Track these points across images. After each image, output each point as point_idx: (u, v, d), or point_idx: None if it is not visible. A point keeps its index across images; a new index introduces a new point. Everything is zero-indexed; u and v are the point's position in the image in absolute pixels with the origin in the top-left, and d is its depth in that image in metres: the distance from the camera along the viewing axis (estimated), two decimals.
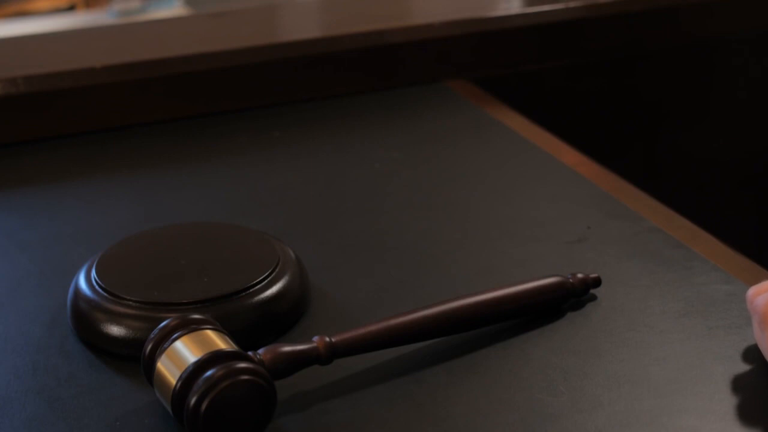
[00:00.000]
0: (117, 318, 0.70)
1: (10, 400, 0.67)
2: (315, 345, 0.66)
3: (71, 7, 2.72)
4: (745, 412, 0.64)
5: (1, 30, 2.38)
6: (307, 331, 0.73)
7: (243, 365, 0.61)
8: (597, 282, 0.75)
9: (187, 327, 0.64)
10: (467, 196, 0.93)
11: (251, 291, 0.72)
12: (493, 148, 1.03)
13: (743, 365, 0.67)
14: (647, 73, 1.27)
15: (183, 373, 0.61)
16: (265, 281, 0.73)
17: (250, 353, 0.63)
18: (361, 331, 0.67)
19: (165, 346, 0.64)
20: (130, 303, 0.71)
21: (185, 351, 0.63)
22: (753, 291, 0.68)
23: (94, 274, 0.74)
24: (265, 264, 0.74)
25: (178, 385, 0.61)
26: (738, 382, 0.66)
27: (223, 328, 0.66)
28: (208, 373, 0.60)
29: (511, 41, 1.19)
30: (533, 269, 0.79)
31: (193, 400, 0.60)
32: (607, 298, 0.75)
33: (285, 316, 0.73)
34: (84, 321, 0.72)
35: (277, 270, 0.74)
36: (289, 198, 0.93)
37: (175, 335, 0.64)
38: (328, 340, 0.66)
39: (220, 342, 0.63)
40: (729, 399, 0.65)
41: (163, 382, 0.63)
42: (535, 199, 0.92)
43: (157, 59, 1.09)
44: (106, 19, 2.56)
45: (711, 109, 1.32)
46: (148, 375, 0.64)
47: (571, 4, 1.20)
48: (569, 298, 0.74)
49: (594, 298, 0.76)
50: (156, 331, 0.65)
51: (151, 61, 1.08)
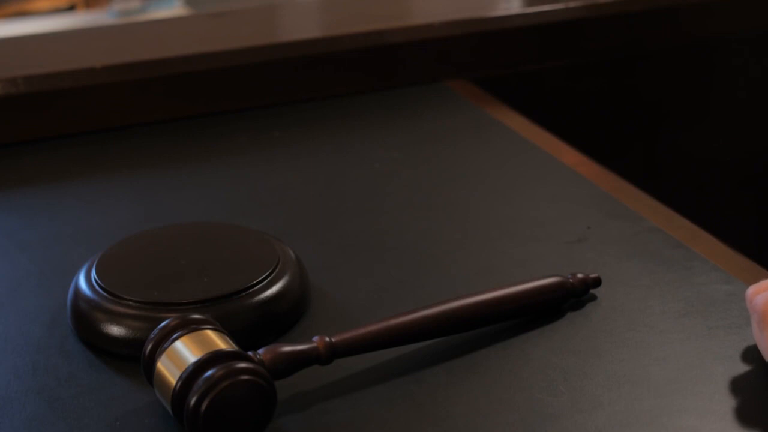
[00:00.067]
0: (117, 318, 0.70)
1: (10, 400, 0.67)
2: (315, 345, 0.66)
3: (71, 7, 2.72)
4: (745, 412, 0.64)
5: (1, 30, 2.38)
6: (307, 331, 0.73)
7: (243, 365, 0.61)
8: (597, 282, 0.75)
9: (187, 327, 0.64)
10: (467, 196, 0.93)
11: (251, 291, 0.72)
12: (493, 148, 1.03)
13: (743, 365, 0.67)
14: (647, 73, 1.27)
15: (183, 373, 0.61)
16: (265, 281, 0.73)
17: (250, 353, 0.63)
18: (361, 331, 0.67)
19: (165, 346, 0.64)
20: (130, 303, 0.71)
21: (185, 351, 0.63)
22: (752, 290, 0.68)
23: (94, 274, 0.74)
24: (265, 264, 0.74)
25: (178, 385, 0.61)
26: (738, 382, 0.66)
27: (223, 328, 0.66)
28: (208, 373, 0.60)
29: (511, 41, 1.19)
30: (533, 269, 0.79)
31: (193, 400, 0.60)
32: (607, 298, 0.75)
33: (285, 316, 0.73)
34: (84, 321, 0.72)
35: (277, 270, 0.74)
36: (289, 198, 0.93)
37: (175, 335, 0.64)
38: (328, 340, 0.66)
39: (220, 342, 0.63)
40: (729, 399, 0.65)
41: (163, 382, 0.63)
42: (535, 199, 0.92)
43: (157, 59, 1.09)
44: (106, 19, 2.56)
45: (711, 109, 1.32)
46: (148, 375, 0.64)
47: (571, 4, 1.20)
48: (569, 298, 0.74)
49: (594, 298, 0.75)
50: (156, 331, 0.65)
51: (151, 61, 1.08)
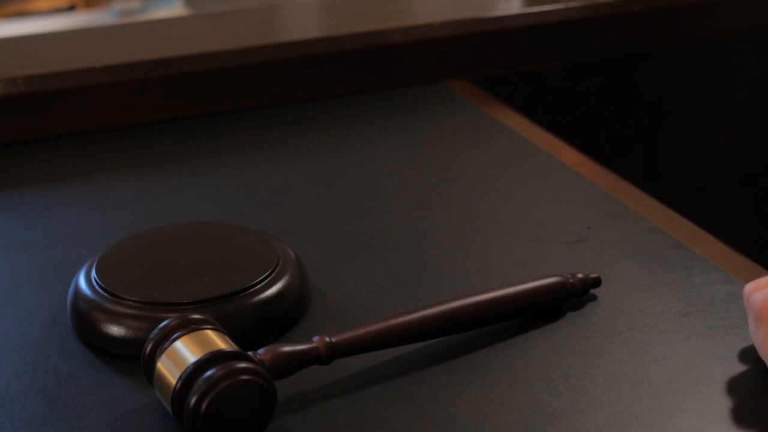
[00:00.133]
0: (117, 318, 0.70)
1: (10, 400, 0.67)
2: (315, 345, 0.66)
3: (71, 7, 2.72)
4: (744, 412, 0.64)
5: (1, 30, 2.38)
6: (307, 331, 0.73)
7: (243, 365, 0.61)
8: (597, 282, 0.75)
9: (187, 327, 0.64)
10: (467, 196, 0.93)
11: (251, 291, 0.72)
12: (493, 148, 1.03)
13: (743, 365, 0.67)
14: (647, 73, 1.27)
15: (183, 373, 0.61)
16: (265, 281, 0.73)
17: (250, 353, 0.63)
18: (361, 331, 0.67)
19: (165, 346, 0.64)
20: (130, 303, 0.71)
21: (185, 351, 0.63)
22: (750, 287, 0.68)
23: (94, 274, 0.73)
24: (265, 264, 0.74)
25: (178, 385, 0.61)
26: (738, 382, 0.66)
27: (223, 328, 0.66)
28: (208, 373, 0.60)
29: (511, 41, 1.19)
30: (533, 269, 0.79)
31: (193, 400, 0.60)
32: (607, 298, 0.75)
33: (285, 316, 0.73)
34: (84, 321, 0.72)
35: (277, 270, 0.74)
36: (289, 198, 0.93)
37: (175, 335, 0.64)
38: (328, 340, 0.66)
39: (220, 342, 0.63)
40: (729, 399, 0.65)
41: (163, 382, 0.63)
42: (535, 199, 0.92)
43: (157, 59, 1.09)
44: (106, 19, 2.56)
45: (711, 109, 1.32)
46: (148, 375, 0.64)
47: (571, 4, 1.20)
48: (569, 298, 0.74)
49: (594, 298, 0.75)
50: (156, 331, 0.65)
51: (151, 61, 1.08)
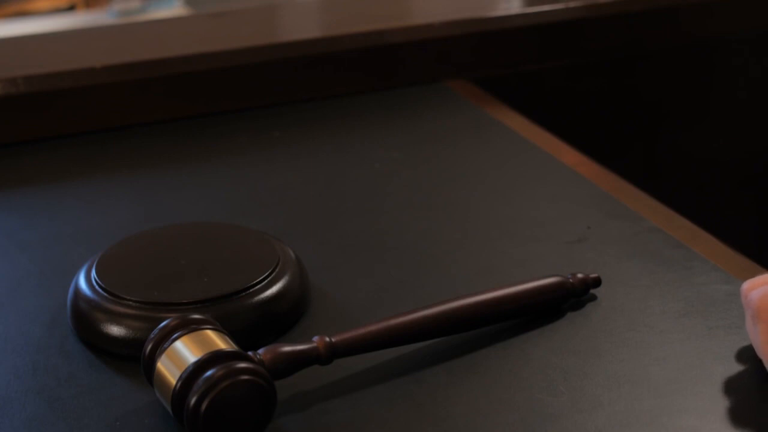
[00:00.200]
0: (117, 318, 0.70)
1: (10, 400, 0.67)
2: (315, 345, 0.66)
3: (71, 7, 2.72)
4: (744, 412, 0.64)
5: (1, 30, 2.38)
6: (307, 331, 0.73)
7: (243, 365, 0.61)
8: (597, 282, 0.75)
9: (187, 327, 0.64)
10: (467, 196, 0.93)
11: (251, 291, 0.72)
12: (493, 148, 1.03)
13: (743, 365, 0.67)
14: (647, 73, 1.27)
15: (183, 373, 0.61)
16: (265, 281, 0.73)
17: (250, 353, 0.63)
18: (361, 331, 0.67)
19: (165, 346, 0.64)
20: (130, 303, 0.71)
21: (185, 351, 0.63)
22: (747, 285, 0.68)
23: (94, 274, 0.73)
24: (265, 264, 0.74)
25: (178, 385, 0.61)
26: (738, 382, 0.66)
27: (223, 328, 0.66)
28: (208, 373, 0.60)
29: (511, 41, 1.19)
30: (533, 269, 0.79)
31: (193, 400, 0.60)
32: (607, 298, 0.75)
33: (285, 316, 0.73)
34: (84, 321, 0.72)
35: (277, 270, 0.74)
36: (289, 198, 0.93)
37: (175, 335, 0.64)
38: (328, 340, 0.66)
39: (220, 342, 0.63)
40: (729, 399, 0.65)
41: (163, 382, 0.63)
42: (535, 199, 0.92)
43: (157, 59, 1.09)
44: (106, 19, 2.56)
45: (711, 109, 1.32)
46: (148, 375, 0.64)
47: (571, 4, 1.20)
48: (569, 298, 0.74)
49: (594, 298, 0.75)
50: (156, 331, 0.65)
51: (151, 61, 1.08)
